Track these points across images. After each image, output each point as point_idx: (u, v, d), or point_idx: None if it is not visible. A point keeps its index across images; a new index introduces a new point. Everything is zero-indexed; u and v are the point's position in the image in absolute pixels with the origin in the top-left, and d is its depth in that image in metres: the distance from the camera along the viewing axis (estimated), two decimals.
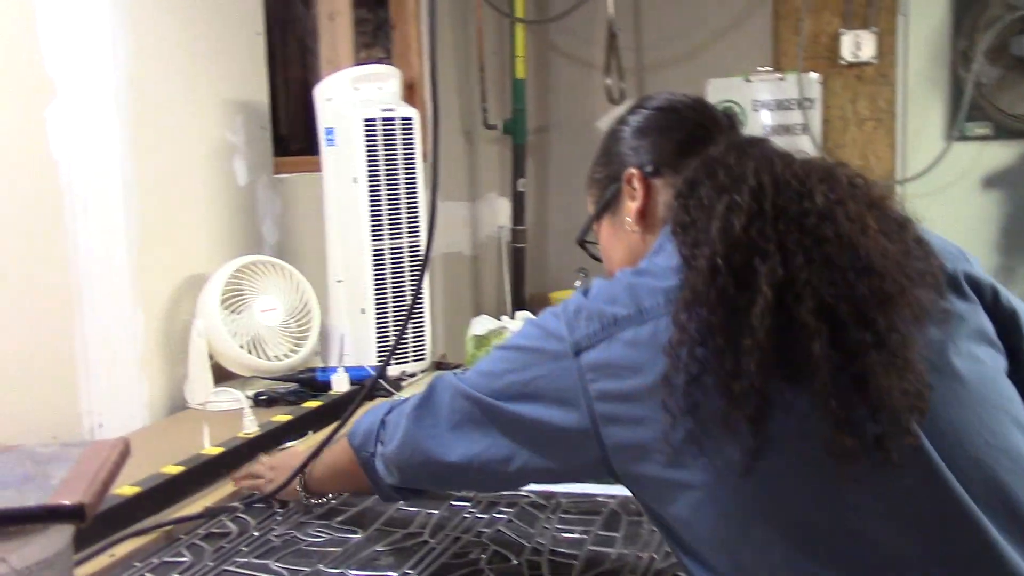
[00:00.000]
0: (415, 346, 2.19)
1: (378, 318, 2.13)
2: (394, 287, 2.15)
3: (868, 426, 0.81)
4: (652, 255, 0.99)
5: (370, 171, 2.09)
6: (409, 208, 2.15)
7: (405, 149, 2.13)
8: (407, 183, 2.14)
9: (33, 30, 1.69)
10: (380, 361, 2.11)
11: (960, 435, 0.86)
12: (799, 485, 0.85)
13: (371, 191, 2.10)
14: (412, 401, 1.11)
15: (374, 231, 2.11)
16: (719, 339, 0.84)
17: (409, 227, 2.16)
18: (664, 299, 0.90)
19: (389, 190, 2.12)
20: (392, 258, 2.14)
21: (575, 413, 0.93)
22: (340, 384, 1.96)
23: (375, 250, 2.12)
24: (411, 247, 2.17)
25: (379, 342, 2.13)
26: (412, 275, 2.17)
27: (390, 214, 2.13)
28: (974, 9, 3.06)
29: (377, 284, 2.13)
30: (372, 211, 2.10)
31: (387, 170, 2.11)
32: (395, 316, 2.15)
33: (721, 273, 0.85)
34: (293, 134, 3.31)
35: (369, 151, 2.09)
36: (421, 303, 2.21)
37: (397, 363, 2.15)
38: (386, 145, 2.10)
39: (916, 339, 0.84)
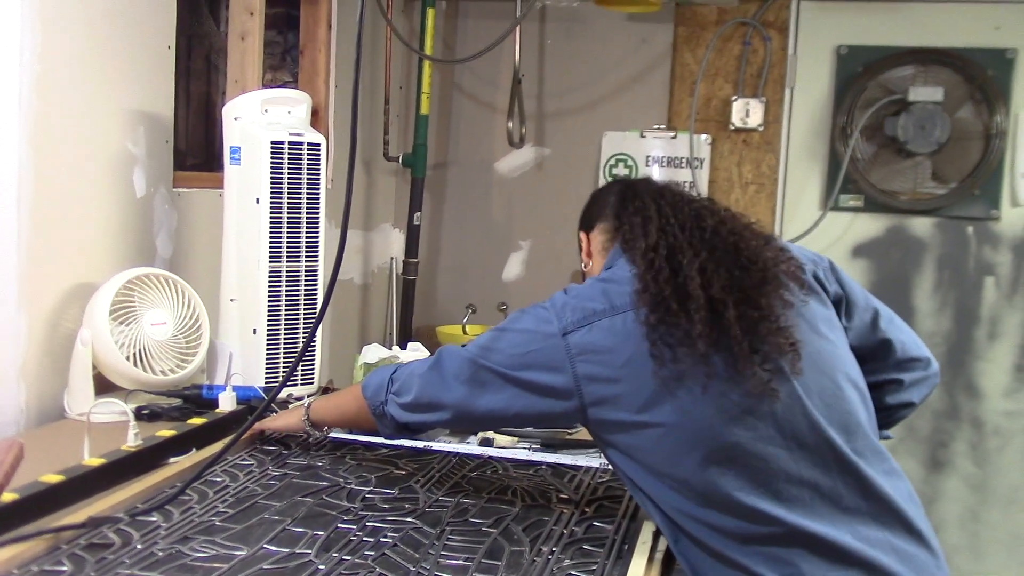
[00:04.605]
0: (304, 371, 2.20)
1: (269, 339, 2.14)
2: (288, 310, 2.16)
3: (761, 370, 1.28)
4: (609, 269, 1.44)
5: (273, 193, 2.10)
6: (309, 232, 2.16)
7: (310, 174, 2.15)
8: (309, 207, 2.16)
9: None
10: (269, 383, 2.11)
11: (817, 386, 1.32)
12: (721, 420, 1.27)
13: (272, 213, 2.11)
14: (419, 365, 1.48)
15: (272, 253, 2.12)
16: (673, 305, 1.28)
17: (308, 251, 2.17)
18: (629, 299, 1.33)
19: (291, 213, 2.13)
20: (288, 281, 2.15)
21: (563, 376, 1.33)
22: (227, 403, 1.95)
23: (272, 271, 2.12)
24: (308, 271, 2.18)
25: (269, 363, 2.13)
26: (307, 299, 2.18)
27: (290, 237, 2.14)
28: (854, 89, 3.27)
29: (271, 305, 2.13)
30: (272, 232, 2.11)
31: (290, 193, 2.12)
32: (287, 338, 2.15)
33: (663, 267, 1.32)
34: (191, 149, 3.28)
35: (274, 173, 2.10)
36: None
37: (286, 386, 2.15)
38: (291, 169, 2.12)
39: (787, 313, 1.32)
